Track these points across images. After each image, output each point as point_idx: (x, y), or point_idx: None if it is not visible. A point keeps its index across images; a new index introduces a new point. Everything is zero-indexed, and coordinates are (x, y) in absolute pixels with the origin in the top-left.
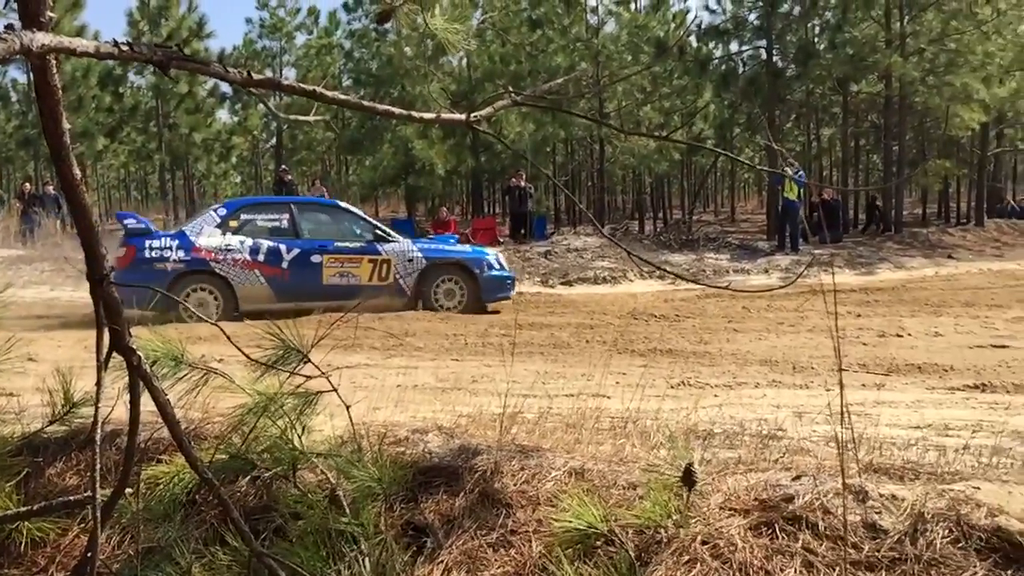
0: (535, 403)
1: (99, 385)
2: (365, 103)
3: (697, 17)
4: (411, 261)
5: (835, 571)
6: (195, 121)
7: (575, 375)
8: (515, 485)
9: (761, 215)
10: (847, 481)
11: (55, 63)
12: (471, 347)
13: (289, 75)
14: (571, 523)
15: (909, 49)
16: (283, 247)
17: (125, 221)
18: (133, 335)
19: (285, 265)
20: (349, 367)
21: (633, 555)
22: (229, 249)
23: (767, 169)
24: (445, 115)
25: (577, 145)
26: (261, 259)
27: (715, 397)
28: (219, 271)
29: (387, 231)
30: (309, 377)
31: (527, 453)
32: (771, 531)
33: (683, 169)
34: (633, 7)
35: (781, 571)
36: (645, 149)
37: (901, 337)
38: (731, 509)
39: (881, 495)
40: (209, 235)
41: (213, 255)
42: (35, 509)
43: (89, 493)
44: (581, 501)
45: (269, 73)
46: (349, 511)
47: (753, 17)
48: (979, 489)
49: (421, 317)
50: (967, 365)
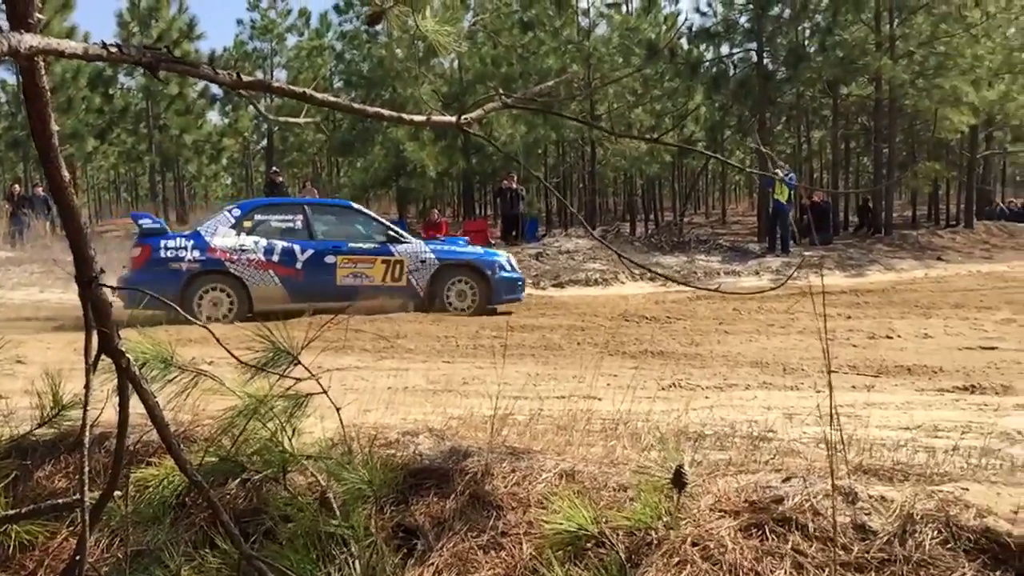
0: (526, 405)
1: (88, 388)
2: (355, 105)
3: (688, 20)
4: (424, 262)
5: (825, 572)
6: (185, 122)
7: (566, 377)
8: (506, 487)
9: (752, 217)
10: (837, 482)
11: (43, 65)
12: (462, 349)
13: (280, 76)
14: (562, 525)
15: (899, 52)
16: (297, 248)
17: (140, 221)
18: (122, 337)
19: (299, 266)
20: (340, 369)
21: (623, 557)
22: (244, 249)
23: (757, 172)
24: (436, 117)
25: (568, 147)
26: (275, 259)
27: (706, 399)
28: (234, 271)
29: (400, 232)
30: (298, 379)
31: (518, 455)
32: (761, 532)
33: (674, 171)
34: (624, 9)
35: (771, 572)
36: (636, 151)
37: (891, 339)
38: (721, 511)
39: (871, 496)
40: (224, 235)
41: (228, 255)
42: (23, 512)
43: (78, 496)
44: (572, 503)
45: (260, 75)
46: (339, 513)
47: (744, 20)
48: (968, 490)
49: (412, 319)
50: (956, 367)
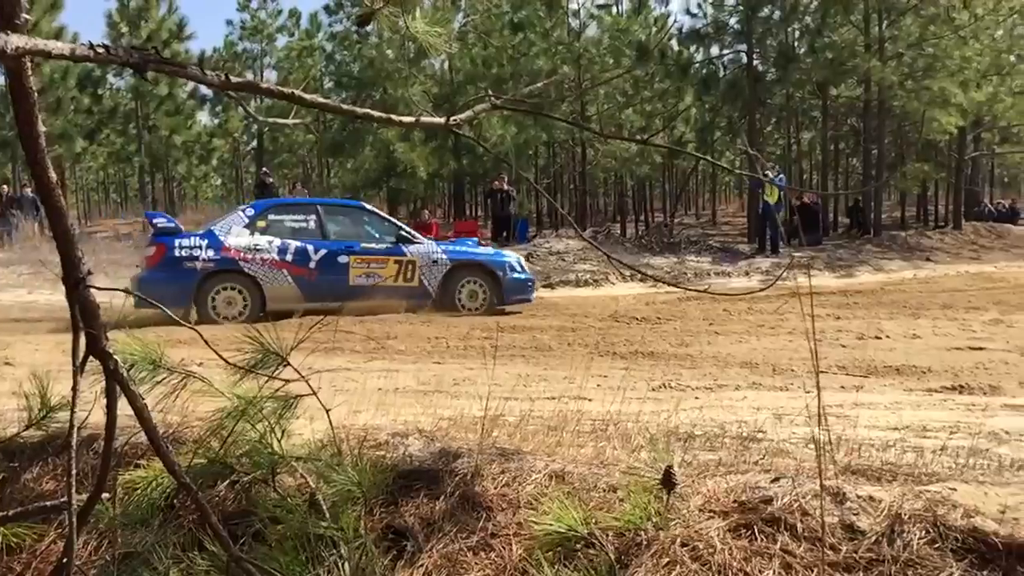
0: (516, 406)
1: (75, 390)
2: (344, 106)
3: (677, 21)
4: (435, 263)
5: (813, 572)
6: (175, 123)
7: (557, 378)
8: (496, 488)
9: (742, 218)
10: (825, 483)
11: (30, 65)
12: (453, 350)
13: (270, 77)
14: (551, 526)
15: (888, 54)
16: (310, 247)
17: (155, 220)
18: (110, 339)
19: (313, 265)
20: (330, 370)
21: (613, 558)
22: (258, 249)
23: (746, 173)
24: (425, 118)
25: (559, 148)
26: (289, 259)
27: (696, 399)
28: (248, 271)
29: (412, 233)
30: (287, 381)
31: (508, 456)
32: (750, 533)
33: (664, 172)
34: (615, 11)
35: (760, 573)
36: (627, 152)
37: (880, 339)
38: (711, 511)
39: (859, 496)
40: (238, 235)
41: (242, 255)
42: (11, 515)
43: (65, 498)
44: (561, 504)
45: (250, 75)
46: (329, 515)
47: (733, 21)
48: (955, 490)
49: (403, 320)
50: (945, 367)
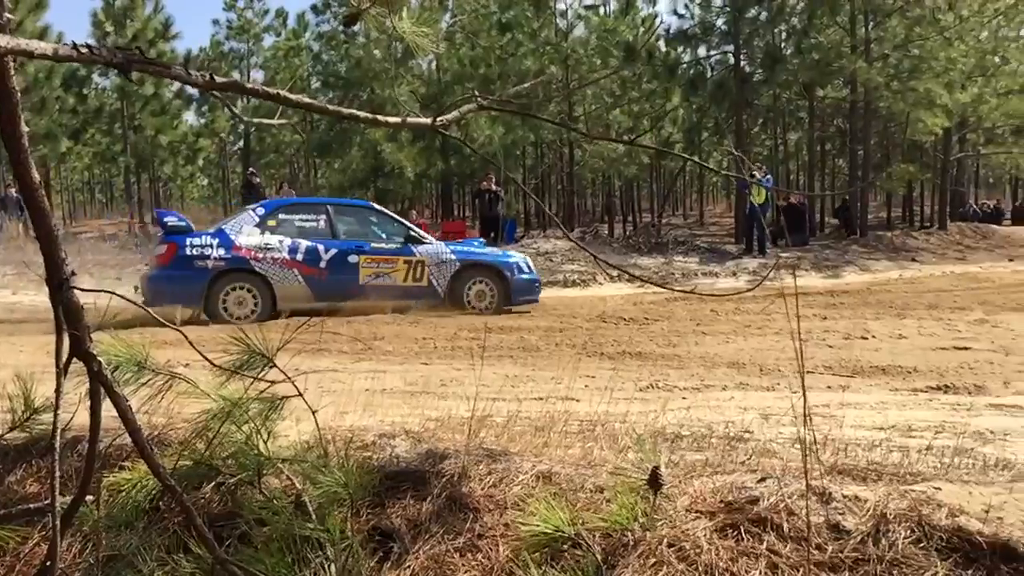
0: (504, 407)
1: (58, 392)
2: (330, 107)
3: (664, 22)
4: (444, 263)
5: (799, 572)
6: (161, 123)
7: (544, 378)
8: (483, 489)
9: (729, 218)
10: (811, 483)
11: (13, 65)
12: (440, 351)
13: (257, 77)
14: (538, 527)
15: (874, 55)
16: (321, 247)
17: (166, 219)
18: (94, 340)
19: (323, 265)
20: (317, 371)
21: (600, 558)
22: (269, 248)
23: (733, 175)
24: (411, 119)
25: (547, 148)
26: (300, 258)
27: (683, 400)
28: (259, 270)
29: (421, 233)
30: (273, 382)
31: (495, 457)
32: (736, 533)
33: (652, 173)
34: (602, 11)
35: (746, 572)
36: (614, 153)
37: (866, 339)
38: (697, 511)
39: (844, 496)
40: (249, 234)
41: (253, 254)
42: None
43: (49, 501)
44: (548, 505)
45: (236, 75)
46: (315, 517)
47: (721, 22)
48: (940, 490)
49: (390, 320)
50: (930, 367)
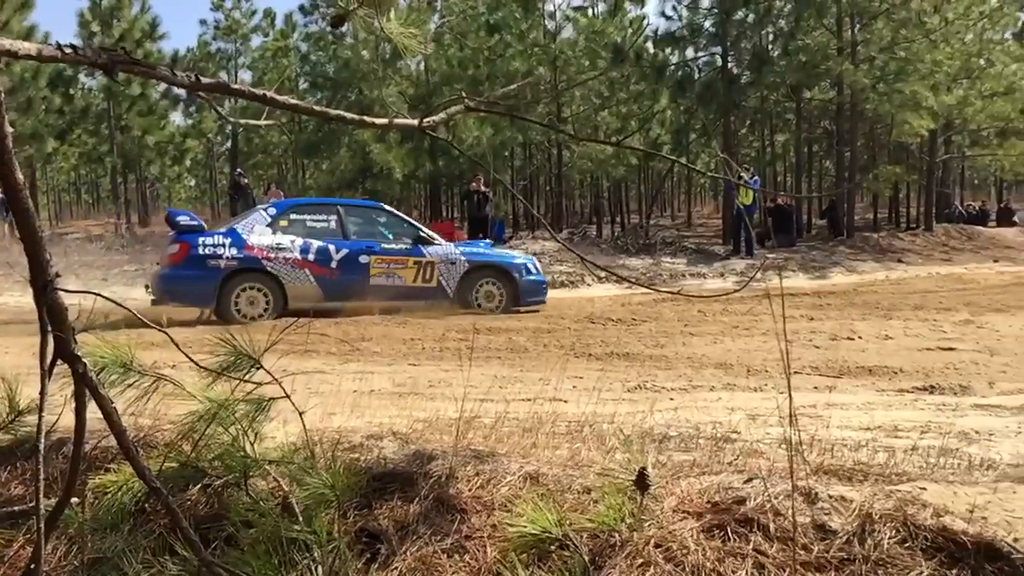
0: (492, 407)
1: (43, 394)
2: (316, 108)
3: (652, 23)
4: (454, 264)
5: (785, 572)
6: (148, 123)
7: (532, 379)
8: (470, 490)
9: (717, 219)
10: (798, 483)
11: None
12: (428, 352)
13: (245, 77)
14: (526, 528)
15: (860, 57)
16: (332, 247)
17: (178, 218)
18: (78, 342)
19: (334, 265)
20: (305, 372)
21: (587, 559)
22: (280, 248)
23: (719, 176)
24: (398, 120)
25: (535, 149)
26: (311, 258)
27: (671, 400)
28: (271, 269)
29: (430, 234)
30: (259, 384)
31: (482, 458)
32: (723, 533)
33: (640, 174)
34: (591, 13)
35: (733, 573)
36: (602, 154)
37: (852, 340)
38: (684, 512)
39: (830, 496)
40: (260, 234)
41: (265, 253)
42: None
43: (34, 503)
44: (536, 506)
45: (224, 75)
46: (302, 518)
47: (708, 24)
48: (925, 490)
49: (378, 322)
50: (916, 367)
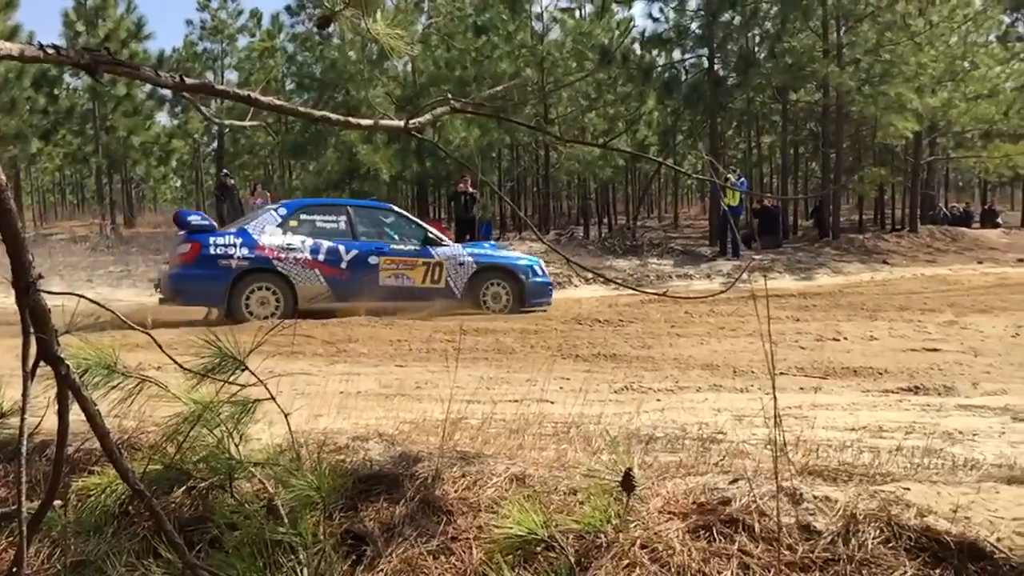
0: (479, 409)
1: (25, 396)
2: (301, 109)
3: (639, 25)
4: (462, 265)
5: (770, 572)
6: (133, 124)
7: (519, 380)
8: (456, 492)
9: (704, 221)
10: (783, 484)
11: None
12: (415, 353)
13: (231, 78)
14: (512, 529)
15: (845, 59)
16: (342, 248)
17: (189, 218)
18: (62, 344)
19: (344, 265)
20: (290, 374)
21: (573, 560)
22: (291, 248)
23: (704, 178)
24: (383, 122)
25: (523, 151)
26: (321, 259)
27: (657, 401)
28: (281, 269)
29: (439, 235)
30: (243, 386)
31: (469, 459)
32: (709, 534)
33: (627, 175)
34: (578, 14)
35: (718, 573)
36: (590, 155)
37: (838, 341)
38: (670, 513)
39: (815, 497)
40: (271, 234)
41: (276, 253)
42: None
43: (16, 506)
44: (522, 507)
45: (210, 76)
46: (287, 520)
47: (695, 26)
48: (909, 490)
49: (365, 323)
50: (901, 368)
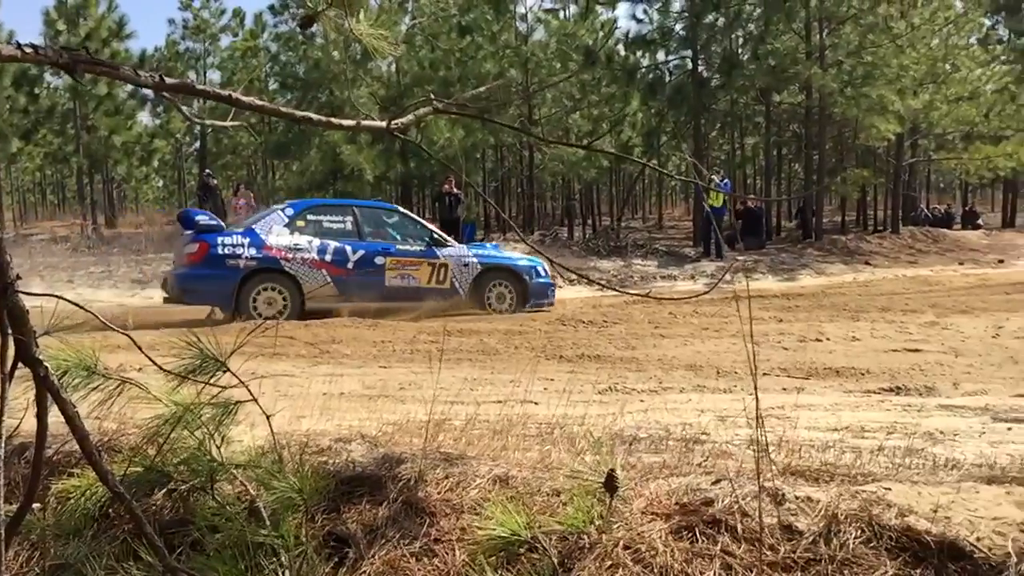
0: (462, 410)
1: (3, 398)
2: (283, 109)
3: (623, 26)
4: (467, 266)
5: (752, 573)
6: (115, 123)
7: (503, 381)
8: (439, 493)
9: (688, 222)
10: (765, 484)
11: None
12: (399, 354)
13: (213, 78)
14: (495, 531)
15: (828, 61)
16: (349, 248)
17: (197, 217)
18: (42, 345)
19: (351, 266)
20: (273, 375)
21: (556, 561)
22: (298, 248)
23: (688, 179)
24: (366, 122)
25: (507, 151)
26: (328, 259)
27: (641, 402)
28: (289, 269)
29: (444, 236)
30: (224, 387)
31: (452, 461)
32: (691, 534)
33: (611, 176)
34: (562, 15)
35: (701, 574)
36: (574, 156)
37: (820, 342)
38: (653, 513)
39: (797, 497)
40: (278, 234)
41: (283, 254)
42: None
43: None
44: (505, 508)
45: (193, 75)
46: (269, 523)
47: (679, 27)
48: (890, 490)
49: (348, 324)
50: (883, 368)
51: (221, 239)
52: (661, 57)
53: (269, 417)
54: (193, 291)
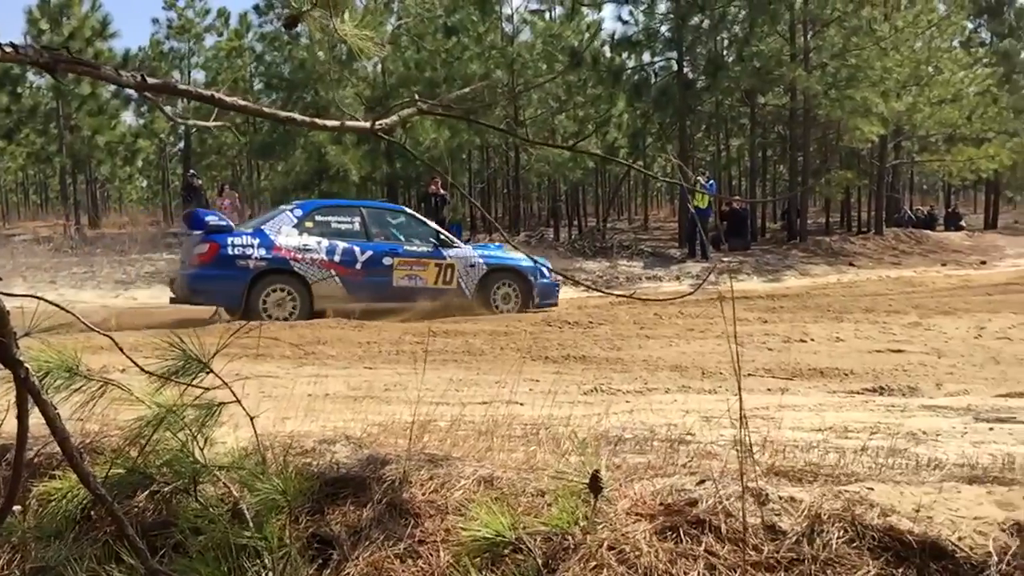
0: (447, 411)
1: None
2: (267, 109)
3: (607, 28)
4: (472, 267)
5: (736, 573)
6: (98, 123)
7: (488, 382)
8: (424, 495)
9: (673, 223)
10: (748, 484)
11: None
12: (384, 355)
13: (198, 78)
14: (479, 532)
15: (812, 63)
16: (357, 249)
17: (207, 218)
18: (22, 347)
19: (359, 266)
20: (257, 376)
21: (540, 562)
22: (307, 249)
23: (673, 181)
24: (349, 123)
25: (493, 152)
26: (337, 259)
27: (626, 403)
28: (298, 270)
29: (450, 237)
30: (207, 388)
31: (436, 462)
32: (676, 535)
33: (597, 177)
34: (548, 16)
35: (685, 574)
36: (560, 157)
37: (805, 342)
38: (637, 514)
39: (780, 497)
40: (288, 234)
41: (293, 254)
42: None
43: None
44: (489, 509)
45: (177, 75)
46: (252, 524)
47: (664, 29)
48: (873, 490)
49: (334, 325)
50: (866, 369)
51: (231, 240)
52: (647, 58)
53: (253, 418)
54: (203, 292)
